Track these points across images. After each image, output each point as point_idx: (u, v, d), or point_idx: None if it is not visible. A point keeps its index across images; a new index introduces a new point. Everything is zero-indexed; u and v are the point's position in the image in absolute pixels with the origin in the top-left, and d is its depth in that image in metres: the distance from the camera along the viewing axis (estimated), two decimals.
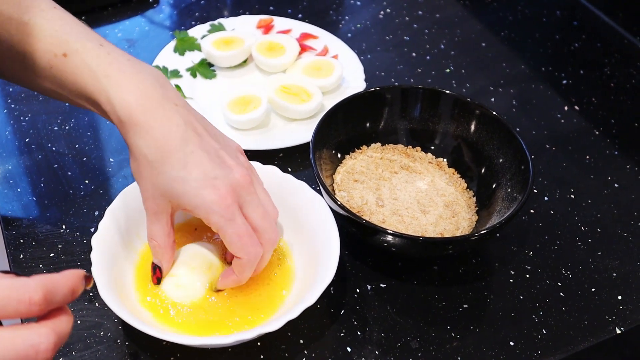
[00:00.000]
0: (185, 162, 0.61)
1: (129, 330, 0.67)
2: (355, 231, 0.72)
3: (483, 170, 0.79)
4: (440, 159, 0.82)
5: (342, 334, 0.69)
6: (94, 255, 0.65)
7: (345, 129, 0.80)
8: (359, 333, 0.69)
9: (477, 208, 0.78)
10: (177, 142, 0.61)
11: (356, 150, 0.81)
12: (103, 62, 0.63)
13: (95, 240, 0.66)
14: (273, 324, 0.61)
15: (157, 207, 0.64)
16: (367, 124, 0.81)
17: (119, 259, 0.68)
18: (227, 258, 0.71)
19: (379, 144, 0.82)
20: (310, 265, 0.69)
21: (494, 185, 0.77)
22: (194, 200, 0.61)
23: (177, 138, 0.61)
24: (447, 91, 0.80)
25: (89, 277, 0.51)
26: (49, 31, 0.64)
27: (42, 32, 0.64)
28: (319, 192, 0.72)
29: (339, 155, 0.79)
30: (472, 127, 0.80)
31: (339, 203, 0.68)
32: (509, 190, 0.75)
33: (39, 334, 0.45)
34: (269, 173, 0.74)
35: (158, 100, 0.62)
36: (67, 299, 0.48)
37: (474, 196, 0.79)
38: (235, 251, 0.63)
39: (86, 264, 0.63)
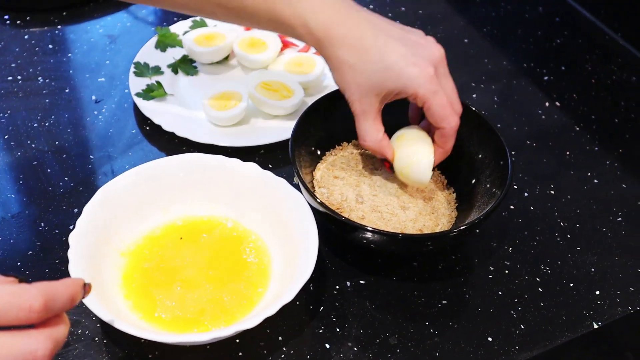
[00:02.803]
0: (382, 53, 0.67)
1: (107, 328, 0.67)
2: (334, 228, 0.72)
3: (463, 166, 0.79)
4: None
5: (320, 331, 0.69)
6: (71, 253, 0.65)
7: (325, 125, 0.80)
8: (338, 329, 0.69)
9: (457, 204, 0.78)
10: (369, 40, 0.67)
11: (337, 146, 0.81)
12: None
13: (72, 238, 0.66)
14: (250, 321, 0.61)
15: (364, 105, 0.70)
16: (348, 121, 0.81)
17: (98, 256, 0.68)
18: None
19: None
20: (289, 262, 0.69)
21: (473, 181, 0.77)
22: (401, 81, 0.67)
23: (369, 37, 0.68)
24: None
25: (88, 286, 0.51)
26: None
27: None
28: (299, 189, 0.72)
29: (319, 152, 0.79)
30: None
31: (318, 200, 0.68)
32: (488, 186, 0.75)
33: (37, 340, 0.46)
34: (249, 170, 0.74)
35: (345, 12, 0.69)
36: (66, 306, 0.49)
37: (454, 192, 0.79)
38: (439, 121, 0.69)
39: (65, 262, 0.63)
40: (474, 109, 0.78)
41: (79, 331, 0.67)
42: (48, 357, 0.47)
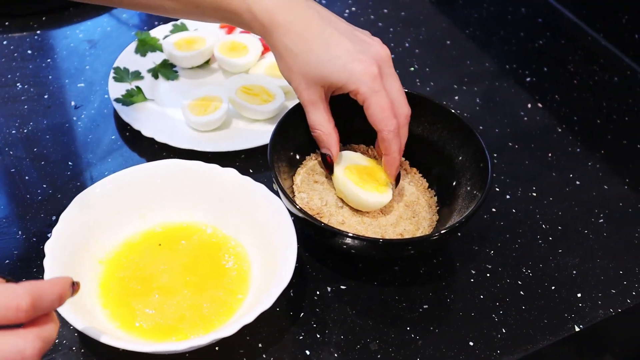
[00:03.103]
0: (328, 45, 0.66)
1: (85, 338, 0.67)
2: (313, 234, 0.71)
3: (444, 169, 0.79)
4: (402, 159, 0.81)
5: (301, 337, 0.68)
6: (46, 262, 0.64)
7: (305, 129, 0.79)
8: (318, 336, 0.69)
9: (438, 207, 0.77)
10: (315, 30, 0.67)
11: (317, 151, 0.81)
12: None
13: (48, 247, 0.66)
14: (228, 329, 0.61)
15: (311, 95, 0.69)
16: None
17: (75, 265, 0.67)
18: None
19: (340, 145, 0.82)
20: (268, 269, 0.69)
21: (454, 184, 0.77)
22: (343, 75, 0.67)
23: (315, 27, 0.67)
24: (406, 90, 0.79)
25: (75, 284, 0.51)
26: None
27: None
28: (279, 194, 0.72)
29: (298, 157, 0.79)
30: (433, 126, 0.80)
31: (297, 206, 0.68)
32: (469, 188, 0.75)
33: (25, 339, 0.46)
34: (227, 175, 0.74)
35: (292, 0, 0.68)
36: (54, 305, 0.49)
37: (435, 195, 0.79)
38: (377, 122, 0.68)
39: (42, 271, 0.62)
40: (453, 111, 0.78)
41: (57, 340, 0.67)
42: (37, 357, 0.46)
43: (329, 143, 0.72)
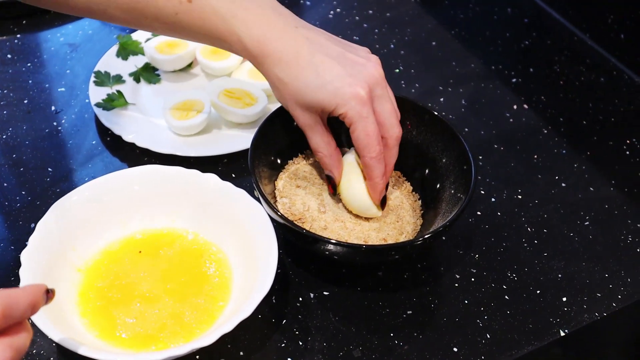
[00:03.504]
0: (318, 71, 0.66)
1: (62, 348, 0.65)
2: (295, 240, 0.70)
3: (427, 172, 0.78)
4: None
5: (283, 345, 0.68)
6: (22, 272, 0.63)
7: (288, 133, 0.78)
8: (301, 343, 0.68)
9: (422, 211, 0.77)
10: (305, 58, 0.66)
11: (300, 154, 0.80)
12: (227, 3, 0.67)
13: (24, 256, 0.64)
14: (207, 338, 0.60)
15: (308, 120, 0.69)
16: None
17: (53, 274, 0.66)
18: None
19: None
20: (249, 275, 0.68)
21: (438, 187, 0.76)
22: (333, 100, 0.66)
23: (305, 54, 0.66)
24: None
25: (50, 292, 0.50)
26: None
27: None
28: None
29: (280, 161, 0.78)
30: (416, 129, 0.79)
31: (279, 213, 0.67)
32: (453, 192, 0.74)
33: None
34: (208, 181, 0.73)
35: (281, 28, 0.67)
36: (26, 314, 0.48)
37: (419, 199, 0.78)
38: (360, 148, 0.68)
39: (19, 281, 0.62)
40: (436, 113, 0.77)
41: (34, 351, 0.66)
42: None
43: (332, 165, 0.72)
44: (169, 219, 0.74)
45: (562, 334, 0.70)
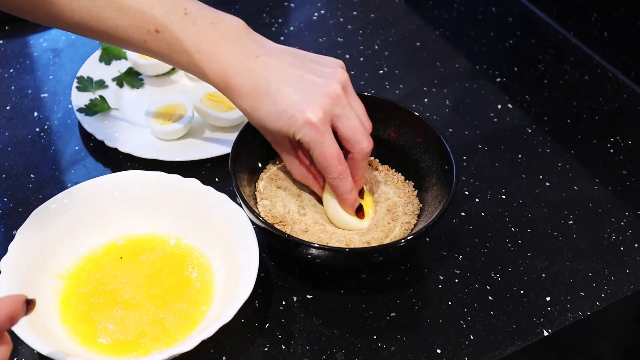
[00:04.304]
0: (274, 101, 0.67)
1: (44, 356, 0.65)
2: (277, 244, 0.70)
3: (410, 173, 0.78)
4: (371, 158, 0.80)
5: (266, 349, 0.67)
6: (2, 280, 0.63)
7: None
8: (284, 347, 0.68)
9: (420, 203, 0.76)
10: (263, 88, 0.67)
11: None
12: (192, 36, 0.68)
13: (4, 263, 0.64)
14: (187, 343, 0.60)
15: (280, 146, 0.71)
16: None
17: (34, 281, 0.66)
18: None
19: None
20: (231, 280, 0.68)
21: (421, 188, 0.76)
22: (291, 128, 0.67)
23: (262, 84, 0.67)
24: (370, 94, 0.78)
25: (30, 302, 0.49)
26: (136, 7, 0.68)
27: (130, 9, 0.68)
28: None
29: (261, 165, 0.77)
30: (399, 130, 0.79)
31: (260, 218, 0.67)
32: (435, 193, 0.74)
33: None
34: (189, 186, 0.73)
35: (241, 61, 0.68)
36: (4, 327, 0.47)
37: (414, 187, 0.77)
38: (321, 169, 0.69)
39: None
40: (417, 114, 0.77)
41: (15, 359, 0.65)
42: None
43: (313, 186, 0.74)
44: (151, 224, 0.74)
45: (546, 333, 0.70)
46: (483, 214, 0.81)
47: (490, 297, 0.73)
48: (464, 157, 0.87)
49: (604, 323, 0.73)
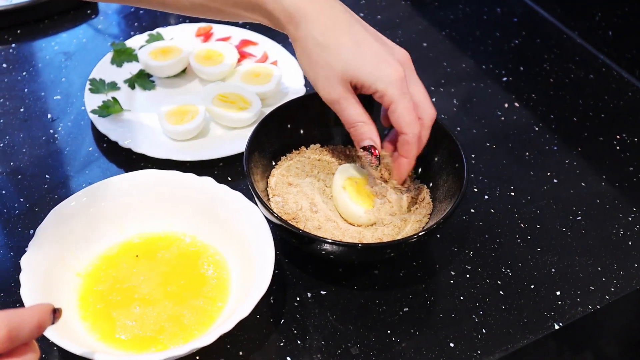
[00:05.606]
0: (357, 41, 0.65)
1: (63, 351, 0.66)
2: (291, 240, 0.71)
3: (420, 170, 0.79)
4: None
5: (282, 344, 0.68)
6: (23, 277, 0.64)
7: (282, 135, 0.79)
8: (299, 342, 0.69)
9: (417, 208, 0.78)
10: (344, 25, 0.66)
11: (294, 151, 0.81)
12: None
13: (24, 261, 0.65)
14: (206, 338, 0.61)
15: (339, 93, 0.68)
16: (303, 130, 0.81)
17: (53, 279, 0.67)
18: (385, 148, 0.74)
19: (318, 145, 0.82)
20: (247, 276, 0.69)
21: (431, 185, 0.77)
22: (374, 73, 0.65)
23: (343, 21, 0.66)
24: None
25: (57, 311, 0.50)
26: None
27: None
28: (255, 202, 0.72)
29: (274, 163, 0.79)
30: None
31: (275, 214, 0.68)
32: (446, 190, 0.75)
33: None
34: (204, 184, 0.74)
35: None
36: (33, 335, 0.48)
37: (427, 188, 0.78)
38: (403, 126, 0.67)
39: (20, 286, 0.62)
40: None
41: None
42: None
43: (371, 133, 0.70)
44: (166, 223, 0.75)
45: (557, 327, 0.71)
46: (492, 210, 0.82)
47: (501, 292, 0.74)
48: (473, 155, 0.88)
49: (614, 316, 0.75)
